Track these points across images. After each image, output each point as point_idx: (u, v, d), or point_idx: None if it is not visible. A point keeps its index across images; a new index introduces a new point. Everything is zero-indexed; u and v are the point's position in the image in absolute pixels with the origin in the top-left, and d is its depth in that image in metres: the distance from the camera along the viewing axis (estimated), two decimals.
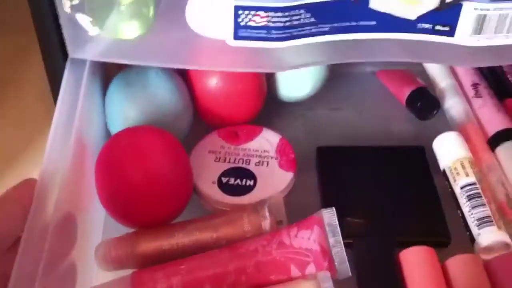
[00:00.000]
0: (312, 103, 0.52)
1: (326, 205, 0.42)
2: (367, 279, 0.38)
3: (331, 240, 0.36)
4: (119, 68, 0.46)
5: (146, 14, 0.38)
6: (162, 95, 0.44)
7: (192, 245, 0.38)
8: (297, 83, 0.50)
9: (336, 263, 0.36)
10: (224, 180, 0.43)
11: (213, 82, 0.46)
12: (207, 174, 0.44)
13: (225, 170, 0.44)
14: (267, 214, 0.39)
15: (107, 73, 0.47)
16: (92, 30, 0.38)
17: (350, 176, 0.46)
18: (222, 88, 0.46)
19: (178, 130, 0.44)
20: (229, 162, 0.45)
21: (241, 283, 0.36)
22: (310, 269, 0.36)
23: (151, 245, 0.38)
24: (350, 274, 0.36)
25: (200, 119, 0.49)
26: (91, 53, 0.39)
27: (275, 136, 0.47)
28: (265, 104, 0.50)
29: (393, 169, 0.46)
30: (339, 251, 0.36)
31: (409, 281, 0.37)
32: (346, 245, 0.36)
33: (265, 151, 0.45)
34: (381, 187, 0.45)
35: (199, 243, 0.38)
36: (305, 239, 0.36)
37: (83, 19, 0.38)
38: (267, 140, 0.46)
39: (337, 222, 0.37)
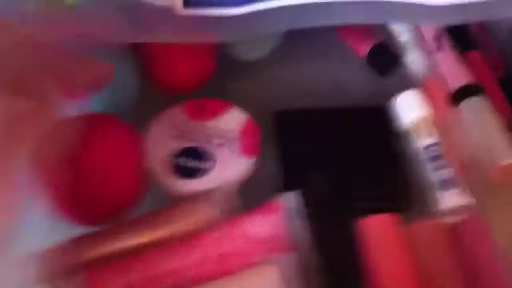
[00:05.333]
0: (268, 62, 0.48)
1: (286, 173, 0.41)
2: (327, 247, 0.36)
3: (294, 225, 0.35)
4: None
5: None
6: None
7: (144, 246, 0.36)
8: (254, 42, 0.46)
9: (299, 249, 0.35)
10: (178, 160, 0.40)
11: None
12: (162, 151, 0.40)
13: (181, 149, 0.40)
14: (220, 204, 0.37)
15: None
16: None
17: (310, 141, 0.44)
18: (169, 47, 0.42)
19: (119, 101, 0.41)
20: (189, 140, 0.41)
21: (203, 276, 0.34)
22: (274, 256, 0.35)
23: (98, 250, 0.35)
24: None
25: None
26: None
27: (242, 116, 0.43)
28: (218, 65, 0.46)
29: (354, 132, 0.44)
30: (302, 236, 0.35)
31: (371, 251, 0.36)
32: (307, 214, 0.35)
33: (228, 131, 0.42)
34: (343, 152, 0.43)
35: (151, 243, 0.36)
36: (267, 225, 0.35)
37: None
38: (234, 119, 0.42)
39: (300, 206, 0.36)
